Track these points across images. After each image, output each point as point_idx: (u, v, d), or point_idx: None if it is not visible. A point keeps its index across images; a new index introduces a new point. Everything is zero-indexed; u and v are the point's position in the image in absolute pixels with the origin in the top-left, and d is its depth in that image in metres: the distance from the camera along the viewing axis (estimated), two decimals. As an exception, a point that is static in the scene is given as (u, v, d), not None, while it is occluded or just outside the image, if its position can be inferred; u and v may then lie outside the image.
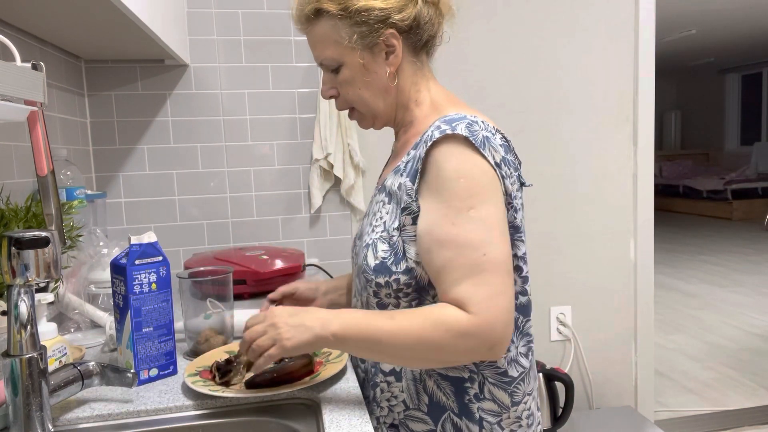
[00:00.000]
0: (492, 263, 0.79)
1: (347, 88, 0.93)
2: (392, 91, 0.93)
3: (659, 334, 3.62)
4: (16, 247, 0.62)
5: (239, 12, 1.85)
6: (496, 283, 0.78)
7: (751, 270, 5.17)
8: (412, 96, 0.95)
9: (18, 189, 1.28)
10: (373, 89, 0.92)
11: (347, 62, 0.91)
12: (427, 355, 0.79)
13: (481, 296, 0.78)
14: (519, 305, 0.91)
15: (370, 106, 0.94)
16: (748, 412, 2.57)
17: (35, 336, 0.66)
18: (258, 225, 1.93)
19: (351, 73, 0.91)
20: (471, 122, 0.84)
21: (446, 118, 0.86)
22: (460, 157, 0.81)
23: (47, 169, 0.79)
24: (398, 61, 0.90)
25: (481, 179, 0.81)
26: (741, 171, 8.65)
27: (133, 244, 0.91)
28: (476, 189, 0.81)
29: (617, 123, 2.17)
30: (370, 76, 0.91)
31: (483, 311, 0.77)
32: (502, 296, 0.79)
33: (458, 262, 0.79)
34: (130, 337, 0.91)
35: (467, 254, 0.79)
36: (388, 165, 1.04)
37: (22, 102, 0.74)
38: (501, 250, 0.80)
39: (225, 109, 1.88)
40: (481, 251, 0.79)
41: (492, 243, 0.79)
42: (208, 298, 1.04)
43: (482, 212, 0.80)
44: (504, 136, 0.88)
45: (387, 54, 0.90)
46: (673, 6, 5.18)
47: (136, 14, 1.17)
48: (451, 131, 0.82)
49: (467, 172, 0.81)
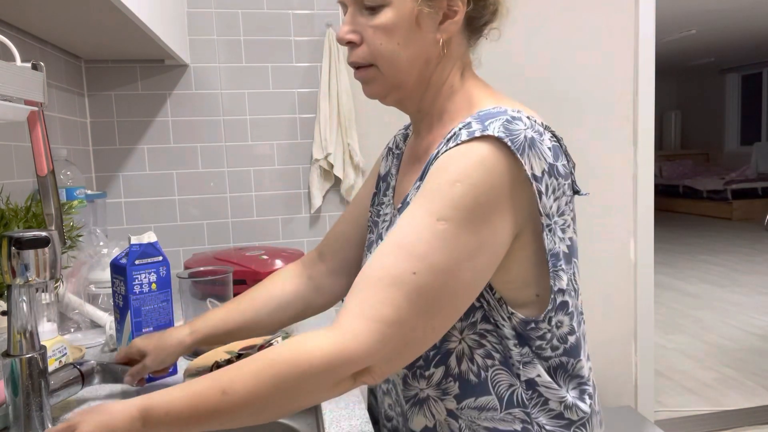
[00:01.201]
0: (414, 287, 0.61)
1: (382, 37, 0.73)
2: (431, 65, 0.76)
3: (659, 334, 3.62)
4: (16, 247, 0.62)
5: (239, 12, 1.85)
6: (401, 310, 0.61)
7: (751, 270, 5.17)
8: (447, 83, 0.78)
9: (18, 189, 1.28)
10: (414, 50, 0.74)
11: (397, 4, 0.72)
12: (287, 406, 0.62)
13: (375, 316, 0.61)
14: (569, 347, 0.74)
15: (400, 70, 0.75)
16: (748, 412, 2.57)
17: (35, 336, 0.66)
18: (258, 225, 1.93)
19: (396, 18, 0.72)
20: (511, 118, 0.66)
21: (480, 114, 0.69)
22: (475, 160, 0.64)
23: (47, 169, 0.78)
24: (454, 29, 0.74)
25: (484, 195, 0.63)
26: (741, 171, 8.65)
27: (133, 244, 0.91)
28: (468, 203, 0.63)
29: (617, 123, 2.17)
30: (418, 33, 0.73)
31: (362, 336, 0.60)
32: (399, 331, 0.61)
33: (384, 260, 0.63)
34: (130, 337, 0.91)
35: (398, 259, 0.62)
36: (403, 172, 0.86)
37: (22, 102, 0.74)
38: (439, 282, 0.62)
39: (225, 109, 1.88)
40: (414, 267, 0.61)
41: (433, 268, 0.62)
42: (208, 298, 1.05)
43: (454, 231, 0.62)
44: (554, 134, 0.71)
45: (445, 17, 0.73)
46: (673, 6, 5.17)
47: (136, 14, 1.17)
48: (481, 132, 0.65)
49: (472, 180, 0.63)
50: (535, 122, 0.68)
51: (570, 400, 0.74)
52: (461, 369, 0.72)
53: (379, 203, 0.89)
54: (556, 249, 0.69)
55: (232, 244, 1.91)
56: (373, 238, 0.87)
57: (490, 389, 0.72)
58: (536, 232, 0.68)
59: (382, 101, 0.80)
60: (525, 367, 0.72)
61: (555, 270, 0.70)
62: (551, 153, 0.67)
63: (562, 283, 0.71)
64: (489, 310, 0.71)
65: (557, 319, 0.71)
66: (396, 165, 0.90)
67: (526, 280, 0.70)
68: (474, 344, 0.72)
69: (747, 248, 6.11)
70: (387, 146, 0.95)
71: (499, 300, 0.70)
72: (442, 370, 0.73)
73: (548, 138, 0.68)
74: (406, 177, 0.84)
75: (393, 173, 0.89)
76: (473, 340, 0.72)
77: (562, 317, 0.72)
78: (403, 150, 0.90)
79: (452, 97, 0.78)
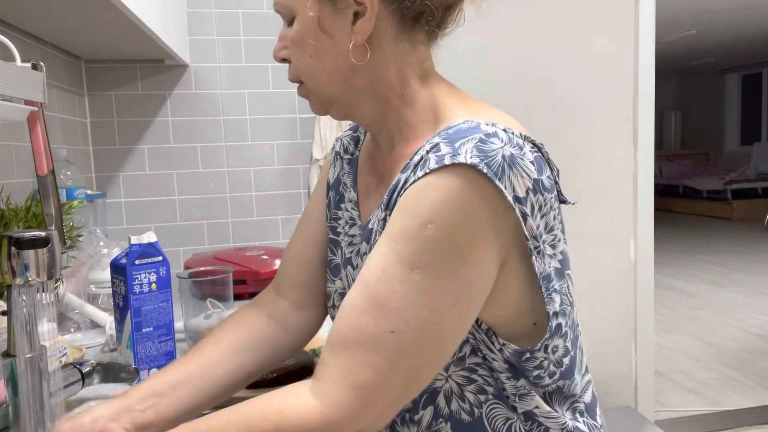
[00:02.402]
0: (394, 347, 0.56)
1: (297, 52, 0.67)
2: (360, 73, 0.66)
3: (659, 334, 3.62)
4: (16, 247, 0.62)
5: (239, 12, 1.85)
6: (381, 372, 0.56)
7: (751, 270, 5.17)
8: (396, 89, 0.67)
9: (18, 189, 1.28)
10: (327, 62, 0.65)
11: (299, 13, 0.65)
12: None
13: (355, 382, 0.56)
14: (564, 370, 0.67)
15: (322, 86, 0.67)
16: (748, 412, 2.57)
17: (35, 336, 0.66)
18: (258, 225, 1.93)
19: (302, 30, 0.65)
20: (486, 136, 0.57)
21: (450, 132, 0.59)
22: (448, 196, 0.55)
23: (47, 169, 0.78)
24: (369, 29, 0.63)
25: (460, 234, 0.55)
26: (741, 171, 8.65)
27: (133, 244, 0.91)
28: (443, 246, 0.55)
29: (617, 123, 2.17)
30: (326, 41, 0.65)
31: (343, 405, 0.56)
32: (382, 394, 0.56)
33: (358, 319, 0.57)
34: (130, 337, 0.91)
35: (374, 317, 0.56)
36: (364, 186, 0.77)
37: (22, 102, 0.74)
38: (420, 338, 0.56)
39: (225, 109, 1.88)
40: (392, 326, 0.56)
41: (412, 324, 0.56)
42: (208, 298, 1.04)
43: (430, 281, 0.56)
44: (535, 143, 0.62)
45: (356, 16, 0.63)
46: (673, 6, 5.17)
47: (136, 14, 1.17)
48: (451, 158, 0.55)
49: (443, 219, 0.55)
50: (512, 134, 0.59)
51: (570, 424, 0.68)
52: (452, 408, 0.66)
53: (334, 218, 0.79)
54: (548, 270, 0.62)
55: (232, 244, 1.91)
56: (337, 260, 0.77)
57: (486, 426, 0.65)
58: (524, 257, 0.60)
59: (332, 117, 0.72)
60: (522, 399, 0.65)
61: (549, 293, 0.62)
62: (535, 167, 0.58)
63: (555, 305, 0.63)
64: (477, 344, 0.64)
65: (553, 344, 0.65)
66: (351, 173, 0.79)
67: (520, 309, 0.63)
68: (463, 381, 0.65)
69: (747, 248, 6.11)
70: (333, 150, 0.84)
71: (487, 332, 0.63)
72: (431, 411, 0.66)
73: (529, 150, 0.59)
74: (369, 194, 0.75)
75: (347, 184, 0.79)
76: (462, 377, 0.65)
77: (557, 341, 0.65)
78: (357, 156, 0.80)
79: (411, 106, 0.68)
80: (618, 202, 2.20)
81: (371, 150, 0.77)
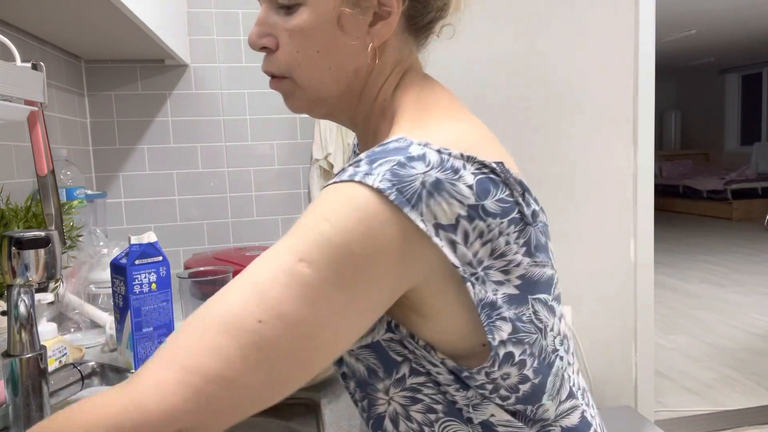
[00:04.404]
0: (254, 338, 0.48)
1: (297, 43, 0.61)
2: (364, 73, 0.62)
3: (659, 334, 3.62)
4: (16, 247, 0.62)
5: (239, 12, 1.85)
6: (230, 363, 0.47)
7: (751, 270, 5.17)
8: (379, 96, 0.64)
9: (18, 189, 1.28)
10: (338, 58, 0.61)
11: (313, 2, 0.59)
12: None
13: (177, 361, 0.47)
14: (521, 396, 0.60)
15: (321, 83, 0.62)
16: (748, 412, 2.57)
17: (35, 336, 0.66)
18: (258, 225, 1.93)
19: (314, 20, 0.59)
20: (407, 159, 0.51)
21: (377, 149, 0.54)
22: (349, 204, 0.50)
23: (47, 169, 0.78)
24: (388, 32, 0.60)
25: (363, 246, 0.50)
26: (741, 171, 8.66)
27: (133, 244, 0.91)
28: (338, 251, 0.49)
29: (617, 123, 2.17)
30: (342, 38, 0.60)
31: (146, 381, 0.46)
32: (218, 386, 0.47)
33: (228, 298, 0.50)
34: (130, 337, 0.91)
35: (246, 300, 0.49)
36: None
37: (22, 102, 0.74)
38: (287, 337, 0.48)
39: (225, 109, 1.88)
40: (262, 314, 0.48)
41: (284, 320, 0.48)
42: (208, 298, 1.05)
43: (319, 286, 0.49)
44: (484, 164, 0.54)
45: (376, 19, 0.60)
46: (673, 6, 5.18)
47: (136, 14, 1.17)
48: (362, 177, 0.51)
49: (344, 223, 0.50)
50: (448, 156, 0.52)
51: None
52: (400, 431, 0.61)
53: None
54: (490, 297, 0.55)
55: (232, 244, 1.91)
56: None
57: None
58: (458, 282, 0.55)
59: (309, 114, 0.67)
60: (476, 409, 0.60)
61: (491, 321, 0.56)
62: (473, 191, 0.52)
63: (503, 334, 0.57)
64: (416, 360, 0.59)
65: (502, 372, 0.58)
66: None
67: (464, 332, 0.57)
68: (407, 402, 0.60)
69: (747, 248, 6.12)
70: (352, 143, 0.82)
71: (425, 347, 0.58)
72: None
73: (471, 172, 0.52)
74: None
75: None
76: (405, 398, 0.60)
77: (508, 369, 0.58)
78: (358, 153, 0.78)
79: (384, 113, 0.64)
80: (618, 202, 2.20)
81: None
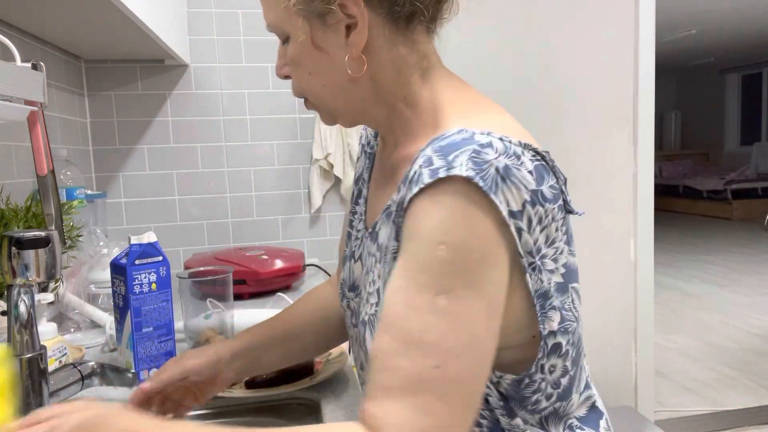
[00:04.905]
0: (443, 382, 0.53)
1: (295, 71, 0.68)
2: (361, 83, 0.65)
3: (659, 334, 3.62)
4: (16, 247, 0.62)
5: (239, 12, 1.85)
6: (441, 415, 0.52)
7: (751, 270, 5.17)
8: (398, 93, 0.66)
9: (18, 189, 1.28)
10: (327, 77, 0.66)
11: (291, 34, 0.65)
12: None
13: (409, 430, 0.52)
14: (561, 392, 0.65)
15: (324, 100, 0.68)
16: (748, 412, 2.57)
17: (35, 336, 0.66)
18: (258, 225, 1.93)
19: (297, 50, 0.65)
20: (480, 147, 0.55)
21: (443, 144, 0.56)
22: (451, 213, 0.54)
23: (47, 169, 0.78)
24: (362, 40, 0.62)
25: (474, 250, 0.54)
26: (741, 171, 8.65)
27: (133, 244, 0.91)
28: (461, 266, 0.54)
29: (617, 123, 2.17)
30: (322, 58, 0.64)
31: None
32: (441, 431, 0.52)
33: (398, 363, 0.54)
34: (130, 337, 0.91)
35: (413, 357, 0.53)
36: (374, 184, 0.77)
37: (22, 102, 0.74)
38: (466, 365, 0.54)
39: (225, 109, 1.88)
40: (434, 360, 0.53)
41: (454, 352, 0.53)
42: (208, 298, 1.04)
43: (458, 303, 0.53)
44: (537, 151, 0.58)
45: (348, 29, 0.62)
46: (673, 6, 5.18)
47: (136, 14, 1.17)
48: (446, 172, 0.54)
49: (454, 237, 0.54)
50: (509, 143, 0.56)
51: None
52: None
53: (352, 211, 0.81)
54: (545, 287, 0.60)
55: (232, 244, 1.91)
56: (347, 252, 0.79)
57: None
58: (520, 272, 0.58)
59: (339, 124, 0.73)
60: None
61: (544, 311, 0.60)
62: (533, 177, 0.56)
63: (553, 324, 0.61)
64: None
65: (550, 363, 0.62)
66: (368, 168, 0.81)
67: (520, 324, 0.61)
68: None
69: (747, 248, 6.11)
70: (360, 143, 0.86)
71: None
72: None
73: (529, 159, 0.56)
74: (377, 193, 0.75)
75: (365, 178, 0.80)
76: None
77: (554, 360, 0.63)
78: (375, 150, 0.81)
79: (413, 109, 0.67)
80: (618, 202, 2.20)
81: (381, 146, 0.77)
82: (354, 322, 0.74)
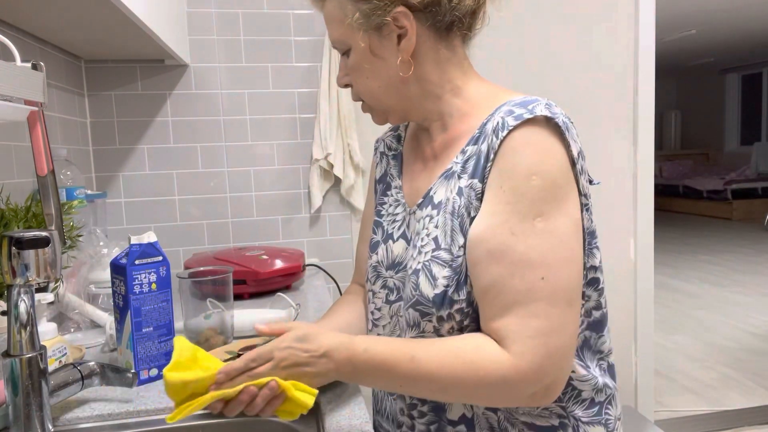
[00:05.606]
0: (550, 290, 0.64)
1: (355, 77, 0.80)
2: (409, 82, 0.78)
3: (659, 334, 3.62)
4: (16, 247, 0.62)
5: (239, 12, 1.85)
6: (551, 316, 0.64)
7: (751, 270, 5.17)
8: (445, 86, 0.80)
9: (18, 189, 1.28)
10: (382, 79, 0.78)
11: (353, 45, 0.78)
12: (459, 399, 0.69)
13: (530, 333, 0.64)
14: (592, 321, 0.77)
15: (379, 100, 0.81)
16: (748, 412, 2.57)
17: (35, 336, 0.66)
18: (258, 225, 1.93)
19: (357, 58, 0.78)
20: (549, 103, 0.70)
21: (517, 101, 0.71)
22: (539, 147, 0.67)
23: (47, 169, 0.78)
24: (411, 46, 0.75)
25: (559, 179, 0.67)
26: (741, 171, 8.65)
27: (133, 244, 0.91)
28: (551, 192, 0.66)
29: (617, 123, 2.17)
30: (378, 63, 0.77)
31: (528, 354, 0.64)
32: (557, 334, 0.64)
33: (509, 284, 0.65)
34: (130, 337, 0.91)
35: (522, 275, 0.65)
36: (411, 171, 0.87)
37: (22, 102, 0.74)
38: (565, 274, 0.66)
39: (225, 109, 1.88)
40: (539, 273, 0.64)
41: (555, 265, 0.65)
42: (208, 298, 1.04)
43: (552, 223, 0.66)
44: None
45: (399, 38, 0.76)
46: (673, 6, 5.18)
47: (136, 14, 1.17)
48: (530, 114, 0.68)
49: (544, 168, 0.66)
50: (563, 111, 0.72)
51: (600, 381, 0.76)
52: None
53: (380, 203, 0.90)
54: (592, 227, 0.73)
55: (232, 244, 1.91)
56: (377, 238, 0.87)
57: None
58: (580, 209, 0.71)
59: (390, 123, 0.85)
60: None
61: (590, 248, 0.73)
62: (578, 138, 0.72)
63: (595, 260, 0.75)
64: None
65: (587, 294, 0.75)
66: (396, 165, 0.91)
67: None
68: None
69: (747, 248, 6.11)
70: (377, 151, 0.97)
71: None
72: None
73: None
74: (420, 175, 0.85)
75: (394, 174, 0.90)
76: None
77: (590, 292, 0.75)
78: (400, 151, 0.92)
79: (459, 95, 0.80)
80: (618, 202, 2.20)
81: (416, 141, 0.89)
82: (392, 299, 0.83)
